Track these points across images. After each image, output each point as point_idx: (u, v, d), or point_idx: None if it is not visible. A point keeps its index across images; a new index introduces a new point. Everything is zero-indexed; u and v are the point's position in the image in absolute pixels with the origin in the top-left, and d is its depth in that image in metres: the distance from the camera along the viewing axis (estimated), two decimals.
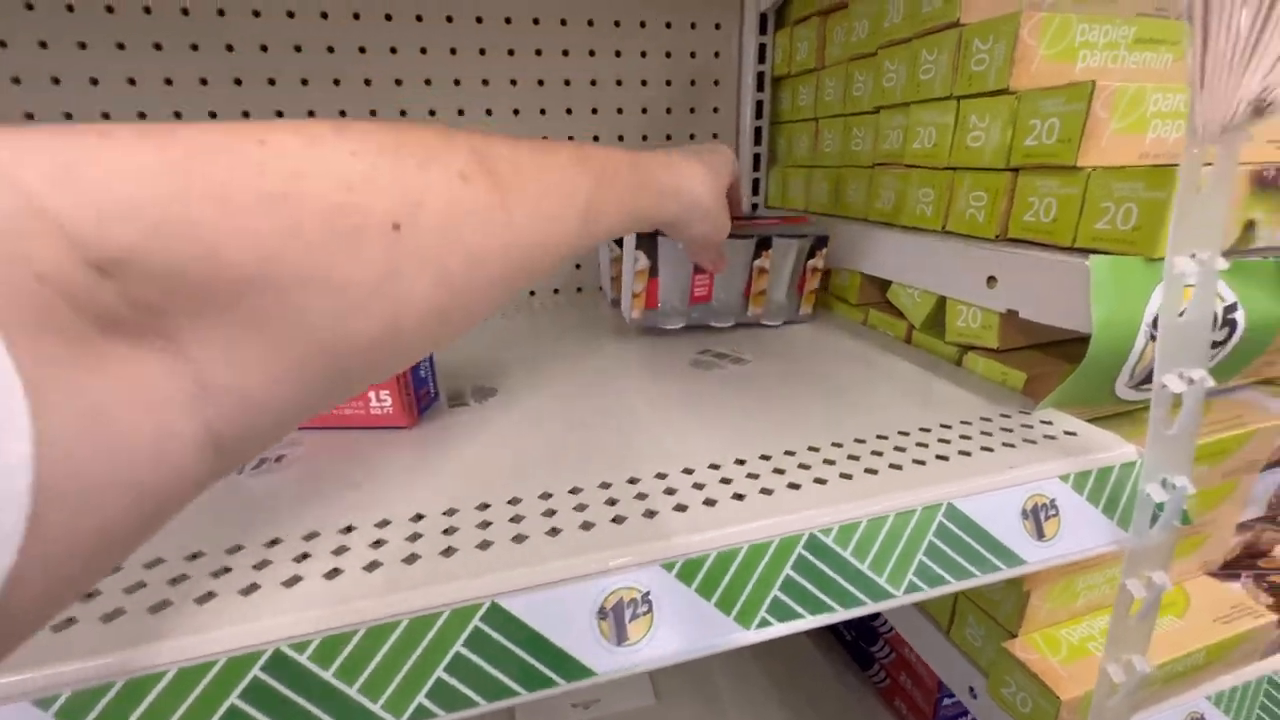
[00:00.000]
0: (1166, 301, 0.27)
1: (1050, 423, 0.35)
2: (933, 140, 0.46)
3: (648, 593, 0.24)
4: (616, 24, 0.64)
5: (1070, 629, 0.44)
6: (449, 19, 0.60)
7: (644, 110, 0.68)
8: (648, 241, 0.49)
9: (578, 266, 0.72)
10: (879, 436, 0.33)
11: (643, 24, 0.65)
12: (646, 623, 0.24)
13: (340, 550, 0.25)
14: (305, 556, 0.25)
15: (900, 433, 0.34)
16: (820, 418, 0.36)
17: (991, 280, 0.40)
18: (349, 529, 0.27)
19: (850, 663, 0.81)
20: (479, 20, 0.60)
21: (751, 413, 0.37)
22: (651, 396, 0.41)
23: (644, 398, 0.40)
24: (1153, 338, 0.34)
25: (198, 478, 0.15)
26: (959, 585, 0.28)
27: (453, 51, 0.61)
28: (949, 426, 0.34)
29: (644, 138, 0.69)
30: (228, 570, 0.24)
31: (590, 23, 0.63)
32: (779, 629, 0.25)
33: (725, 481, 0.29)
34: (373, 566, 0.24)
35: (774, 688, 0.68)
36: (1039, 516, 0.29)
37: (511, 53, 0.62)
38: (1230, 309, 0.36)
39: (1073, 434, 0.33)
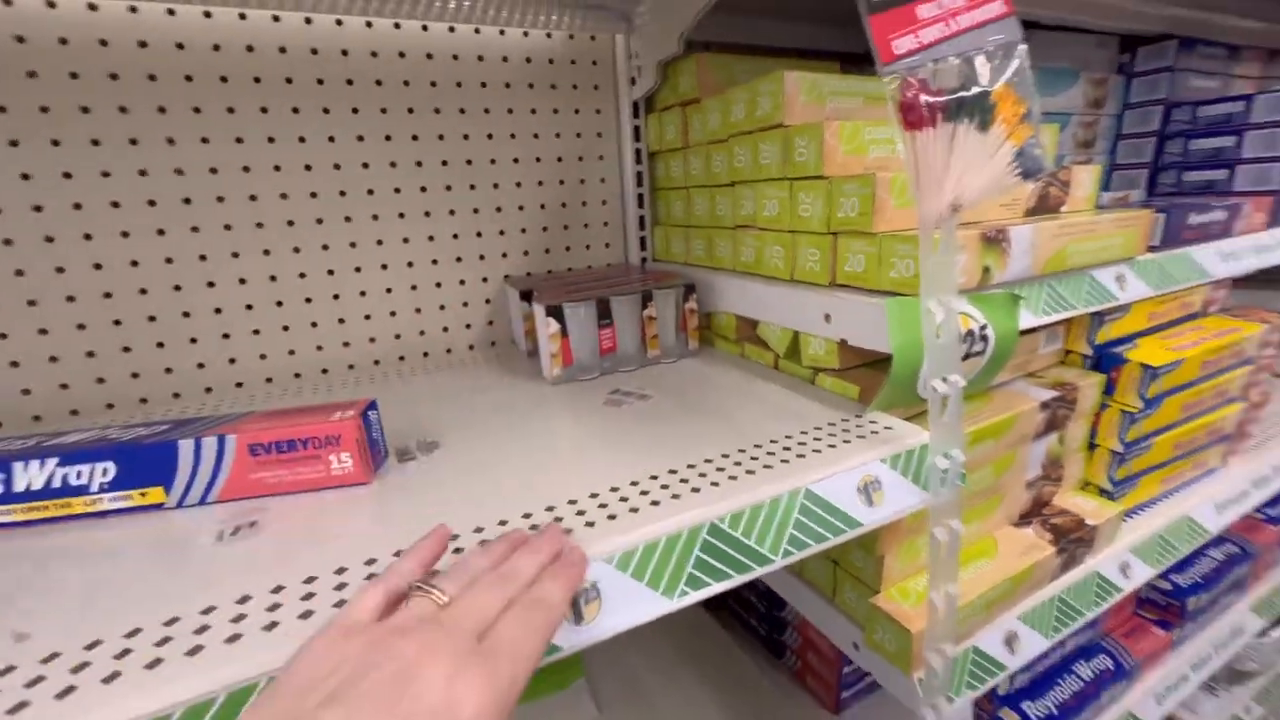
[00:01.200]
0: (926, 330, 0.40)
1: (875, 421, 0.47)
2: (776, 210, 0.59)
3: (596, 582, 0.32)
4: (510, 111, 0.73)
5: (916, 581, 0.56)
6: (354, 110, 0.66)
7: (540, 183, 0.77)
8: (556, 310, 0.58)
9: (490, 323, 0.78)
10: (755, 445, 0.43)
11: (533, 110, 0.75)
12: (597, 605, 0.32)
13: (340, 586, 0.30)
14: (310, 595, 0.30)
15: (771, 440, 0.44)
16: (711, 436, 0.45)
17: (828, 317, 0.53)
18: (341, 569, 0.32)
19: (768, 655, 0.91)
20: (383, 111, 0.67)
21: (658, 438, 0.46)
22: (575, 434, 0.48)
23: (568, 436, 0.48)
24: None
25: None
26: (819, 547, 0.38)
27: (387, 138, 0.67)
28: (805, 432, 0.45)
29: (541, 206, 0.78)
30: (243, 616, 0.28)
31: (486, 110, 0.72)
32: (695, 596, 0.34)
33: (644, 493, 0.37)
34: None
35: (705, 685, 0.76)
36: (869, 491, 0.40)
37: (415, 138, 0.69)
38: (984, 327, 0.50)
39: (890, 428, 0.45)
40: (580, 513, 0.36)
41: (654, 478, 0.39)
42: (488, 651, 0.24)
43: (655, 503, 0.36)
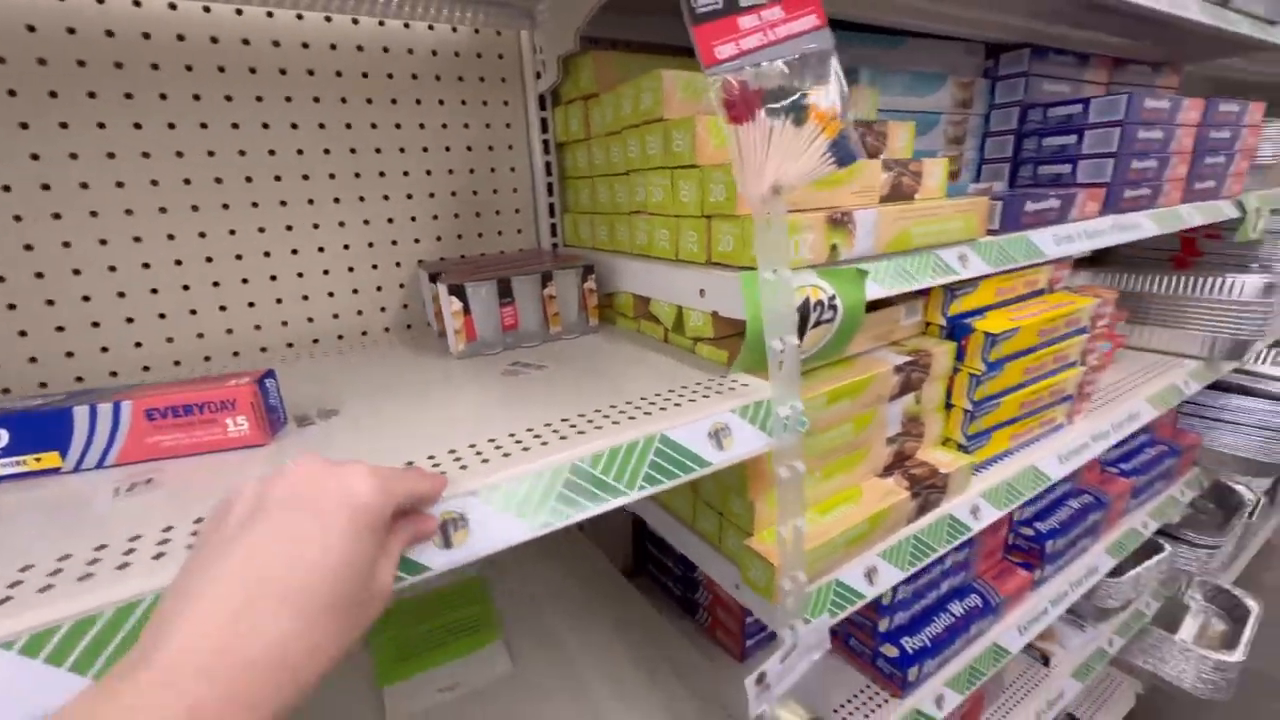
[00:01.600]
0: (765, 297, 0.46)
1: (736, 380, 0.53)
2: (661, 196, 0.65)
3: (464, 514, 0.37)
4: (418, 101, 0.76)
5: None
6: (258, 99, 0.67)
7: (450, 171, 0.81)
8: (458, 289, 0.62)
9: (405, 306, 0.81)
10: (626, 402, 0.49)
11: (441, 101, 0.78)
12: (465, 534, 0.37)
13: None
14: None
15: (641, 398, 0.50)
16: (591, 397, 0.51)
17: (702, 292, 0.59)
18: None
19: (683, 613, 0.98)
20: (288, 99, 0.69)
21: (543, 399, 0.51)
22: (468, 399, 0.53)
23: (462, 401, 0.53)
24: None
25: None
26: (671, 483, 0.44)
27: (294, 126, 0.69)
28: (673, 390, 0.51)
29: (453, 193, 0.81)
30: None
31: (394, 100, 0.75)
32: (556, 524, 0.39)
33: (518, 442, 0.42)
34: None
35: (620, 641, 0.81)
36: (719, 436, 0.47)
37: (322, 125, 0.71)
38: (833, 297, 0.57)
39: (746, 385, 0.52)
40: (458, 459, 0.41)
41: (530, 430, 0.44)
42: (360, 464, 0.31)
43: (526, 449, 0.41)
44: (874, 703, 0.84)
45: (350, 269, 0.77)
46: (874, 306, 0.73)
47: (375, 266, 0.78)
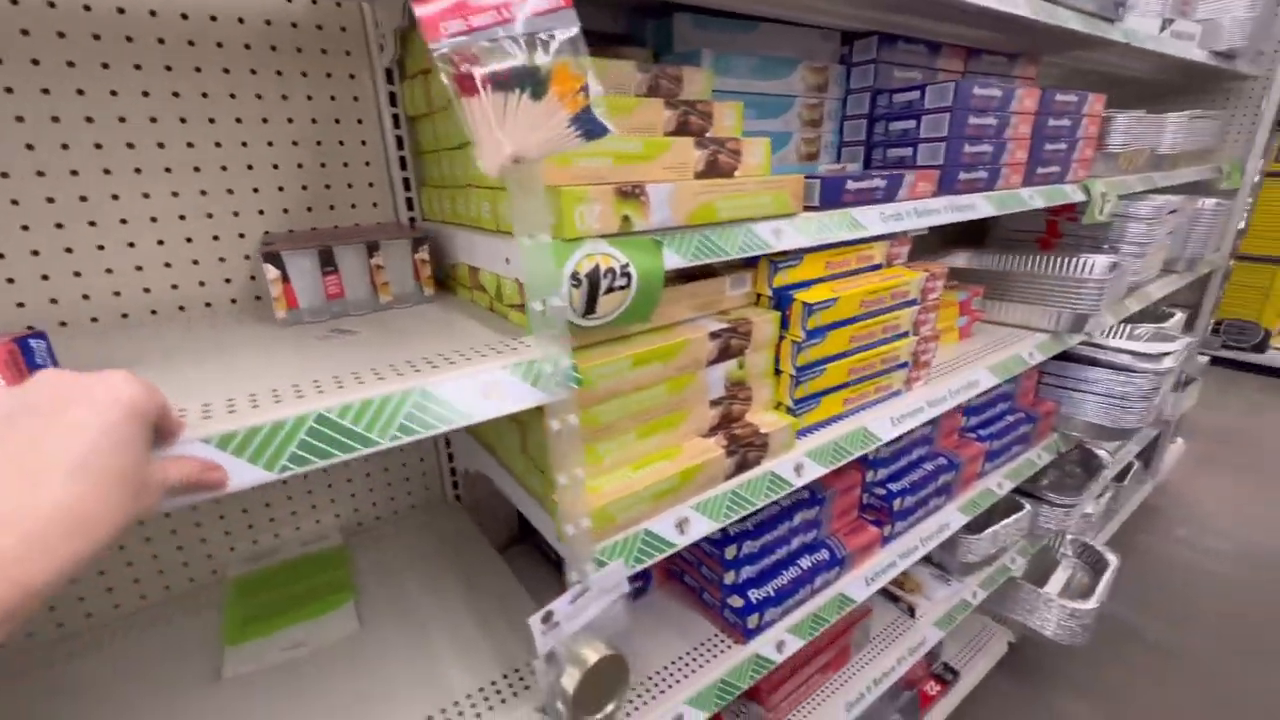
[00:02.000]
0: (524, 262, 0.50)
1: (524, 341, 0.57)
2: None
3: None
4: (253, 71, 0.77)
5: (596, 480, 0.68)
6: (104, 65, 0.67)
7: (295, 143, 0.81)
8: (274, 257, 0.63)
9: (252, 278, 0.82)
10: (406, 361, 0.52)
11: (279, 72, 0.78)
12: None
13: None
14: None
15: (424, 359, 0.53)
16: (381, 358, 0.54)
17: (508, 260, 0.62)
18: None
19: (558, 577, 1.02)
20: (105, 66, 0.68)
21: (330, 361, 0.53)
22: (262, 361, 0.55)
23: (256, 362, 0.55)
24: (575, 285, 0.58)
25: None
26: (430, 433, 0.47)
27: (114, 94, 0.68)
28: (460, 351, 0.54)
29: (299, 165, 0.82)
30: None
31: (226, 70, 0.75)
32: (298, 470, 0.42)
33: (276, 396, 0.45)
34: None
35: (470, 603, 0.85)
36: (489, 391, 0.50)
37: (146, 94, 0.71)
38: (625, 265, 0.61)
39: (529, 345, 0.55)
40: (207, 410, 0.43)
41: (296, 386, 0.47)
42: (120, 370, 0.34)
43: (279, 401, 0.44)
44: (718, 649, 0.90)
45: (188, 239, 0.77)
46: (695, 276, 0.78)
47: (216, 238, 0.78)
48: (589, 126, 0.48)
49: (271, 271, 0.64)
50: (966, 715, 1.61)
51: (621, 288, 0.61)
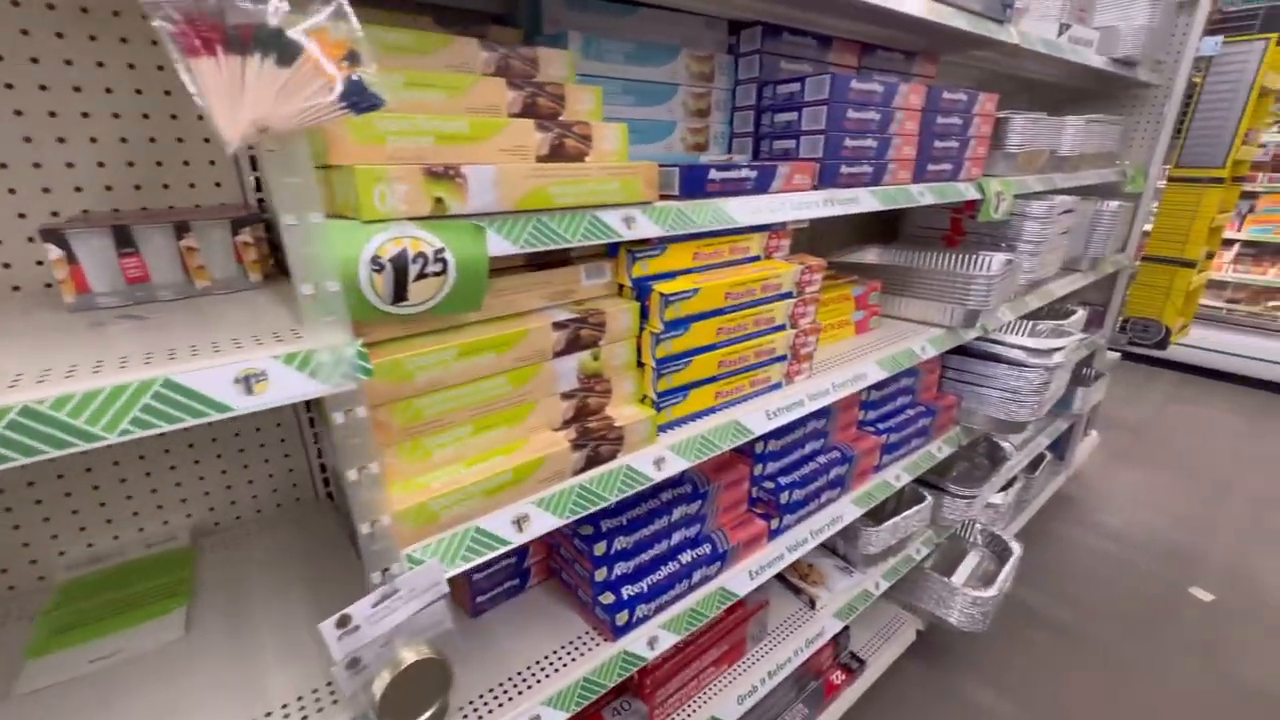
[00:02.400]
0: (288, 243, 0.46)
1: (301, 331, 0.53)
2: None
3: None
4: (59, 35, 0.70)
5: (425, 477, 0.65)
6: None
7: (116, 115, 0.75)
8: (55, 235, 0.58)
9: None
10: (168, 350, 0.48)
11: (92, 37, 0.72)
12: None
13: None
14: None
15: (192, 346, 0.49)
16: (141, 345, 0.49)
17: None
18: None
19: None
20: None
21: (77, 350, 0.49)
22: (13, 345, 0.50)
23: (35, 344, 0.49)
24: (376, 270, 0.55)
25: None
26: (174, 426, 0.43)
27: None
28: (236, 340, 0.51)
29: (123, 139, 0.76)
30: None
31: (25, 31, 0.68)
32: None
33: (12, 382, 0.41)
34: None
35: (310, 603, 0.81)
36: (250, 382, 0.47)
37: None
38: (440, 251, 0.58)
39: (299, 336, 0.52)
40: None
41: (17, 375, 0.43)
42: None
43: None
44: (586, 647, 0.89)
45: None
46: (545, 265, 0.76)
47: (23, 215, 0.72)
48: (356, 99, 0.45)
49: (54, 252, 0.58)
50: (874, 702, 1.64)
51: (437, 274, 0.58)
